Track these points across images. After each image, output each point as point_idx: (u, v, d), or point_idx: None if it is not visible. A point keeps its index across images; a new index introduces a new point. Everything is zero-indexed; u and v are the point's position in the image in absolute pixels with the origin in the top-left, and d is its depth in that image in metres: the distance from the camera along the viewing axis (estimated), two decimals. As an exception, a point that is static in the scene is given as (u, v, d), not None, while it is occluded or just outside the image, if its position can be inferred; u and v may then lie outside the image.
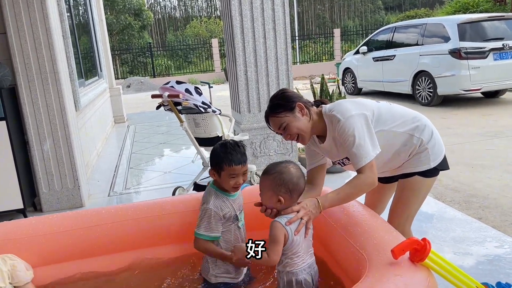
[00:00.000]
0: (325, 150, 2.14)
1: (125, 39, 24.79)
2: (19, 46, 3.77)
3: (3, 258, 2.14)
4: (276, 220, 1.85)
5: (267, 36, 4.30)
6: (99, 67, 8.39)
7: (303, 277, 1.85)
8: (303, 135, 2.04)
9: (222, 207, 2.09)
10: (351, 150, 1.93)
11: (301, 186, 1.89)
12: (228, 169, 2.01)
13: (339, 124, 1.95)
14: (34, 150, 3.96)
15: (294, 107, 2.00)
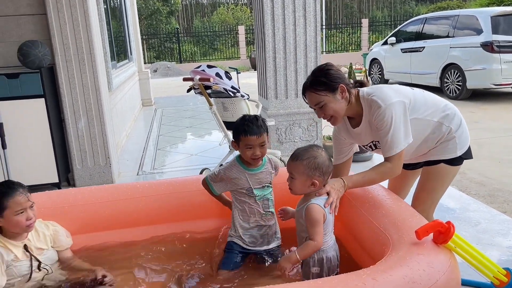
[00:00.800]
0: (356, 134, 2.16)
1: (153, 24, 25.02)
2: (58, 27, 3.92)
3: (46, 224, 2.29)
4: (313, 202, 1.91)
5: (297, 23, 4.34)
6: (129, 50, 8.57)
7: (331, 254, 1.94)
8: (337, 117, 2.05)
9: (236, 177, 2.22)
10: (385, 138, 1.97)
11: (331, 168, 1.97)
12: (244, 139, 2.13)
13: (379, 110, 1.95)
14: (70, 128, 4.14)
15: (337, 88, 1.97)
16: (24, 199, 2.07)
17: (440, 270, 1.51)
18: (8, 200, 2.02)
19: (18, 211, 2.03)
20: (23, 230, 2.10)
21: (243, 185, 2.23)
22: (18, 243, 2.12)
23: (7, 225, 2.06)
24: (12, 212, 2.02)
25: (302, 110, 4.52)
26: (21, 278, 2.10)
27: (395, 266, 1.53)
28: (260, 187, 2.26)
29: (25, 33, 4.02)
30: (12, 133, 3.80)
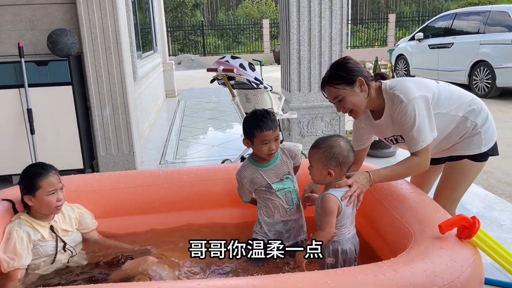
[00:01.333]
0: (378, 127, 2.13)
1: (178, 16, 25.20)
2: (86, 16, 3.99)
3: (72, 206, 2.35)
4: (329, 192, 1.90)
5: (323, 15, 4.29)
6: (154, 41, 8.65)
7: (348, 247, 1.92)
8: (357, 111, 2.03)
9: (252, 178, 2.19)
10: (410, 133, 1.93)
11: (350, 160, 1.93)
12: (260, 135, 2.08)
13: (402, 105, 1.92)
14: (95, 116, 4.22)
15: (355, 81, 1.95)
16: (56, 180, 2.14)
17: (463, 265, 1.48)
18: (42, 180, 2.09)
19: (50, 191, 2.10)
20: (52, 211, 2.16)
21: (261, 182, 2.20)
22: (45, 224, 2.18)
23: (38, 205, 2.12)
24: (44, 192, 2.09)
25: (325, 104, 4.48)
26: (47, 258, 2.16)
27: (416, 259, 1.51)
28: (279, 181, 2.22)
29: (54, 21, 4.10)
30: (40, 119, 3.89)
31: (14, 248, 2.04)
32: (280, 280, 1.45)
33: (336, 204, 1.87)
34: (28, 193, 2.11)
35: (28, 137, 3.90)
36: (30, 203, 2.13)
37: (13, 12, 4.05)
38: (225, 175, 2.56)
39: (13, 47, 4.03)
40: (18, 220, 2.15)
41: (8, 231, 2.09)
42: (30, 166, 2.20)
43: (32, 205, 2.13)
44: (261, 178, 2.20)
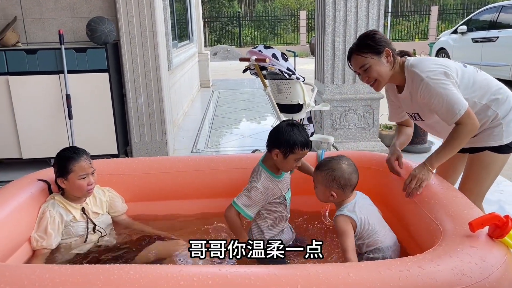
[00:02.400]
0: (401, 100, 2.17)
1: (216, 7, 25.30)
2: (124, 5, 4.07)
3: (103, 190, 2.42)
4: (338, 214, 1.93)
5: (360, 5, 4.19)
6: (190, 31, 8.74)
7: (388, 254, 1.90)
8: (380, 81, 2.05)
9: (270, 188, 2.11)
10: (441, 108, 1.91)
11: (353, 181, 1.96)
12: (299, 153, 2.01)
13: (422, 83, 1.93)
14: (130, 103, 4.32)
15: (382, 51, 2.00)
16: (87, 165, 2.21)
17: (493, 265, 1.42)
18: (74, 165, 2.16)
19: (81, 175, 2.17)
20: (83, 194, 2.24)
21: (277, 193, 2.15)
22: (77, 206, 2.26)
23: (70, 188, 2.21)
24: (76, 176, 2.17)
25: (359, 96, 4.39)
26: (78, 238, 2.24)
27: (443, 257, 1.46)
28: (286, 191, 2.23)
29: (93, 9, 4.21)
30: (78, 105, 4.02)
31: (45, 228, 2.13)
32: (302, 270, 1.44)
33: (348, 223, 1.89)
34: (61, 176, 2.19)
35: (66, 122, 4.04)
36: (63, 185, 2.21)
37: (54, 0, 4.19)
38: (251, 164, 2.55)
39: (54, 35, 4.17)
40: (52, 200, 2.23)
41: (42, 211, 2.17)
42: (63, 150, 2.26)
43: (64, 187, 2.21)
44: (277, 189, 2.16)
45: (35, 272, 1.43)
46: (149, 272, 1.42)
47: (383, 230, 1.94)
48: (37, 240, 2.11)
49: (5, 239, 1.90)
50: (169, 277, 1.40)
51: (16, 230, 2.01)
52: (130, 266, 1.46)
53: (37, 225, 2.14)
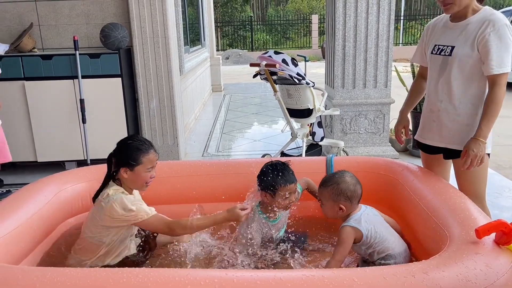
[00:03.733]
0: (444, 30, 2.18)
1: (228, 12, 25.46)
2: (137, 11, 4.15)
3: None
4: (345, 225, 1.95)
5: (370, 11, 4.20)
6: (202, 36, 8.82)
7: (399, 261, 1.91)
8: (456, 5, 2.03)
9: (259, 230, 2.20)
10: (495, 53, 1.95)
11: (358, 193, 1.98)
12: (283, 189, 2.11)
13: (502, 26, 1.95)
14: (142, 107, 4.38)
15: None
16: (155, 158, 2.13)
17: (498, 272, 1.43)
18: (144, 156, 2.07)
19: (148, 168, 2.09)
20: (141, 187, 2.15)
21: (266, 234, 2.24)
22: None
23: (132, 179, 2.09)
24: (144, 168, 2.07)
25: (370, 101, 4.39)
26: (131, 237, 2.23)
27: (449, 263, 1.46)
28: (278, 233, 2.29)
29: (107, 16, 4.30)
30: (91, 109, 4.10)
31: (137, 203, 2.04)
32: (307, 275, 1.46)
33: (351, 235, 1.91)
34: (126, 166, 2.06)
35: (80, 126, 4.12)
36: (125, 175, 2.08)
37: (69, 7, 4.28)
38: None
39: (69, 41, 4.27)
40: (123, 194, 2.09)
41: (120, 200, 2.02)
42: (130, 138, 2.16)
43: (126, 177, 2.09)
44: (268, 230, 2.24)
45: (46, 275, 1.47)
46: (157, 275, 1.46)
47: (392, 237, 1.95)
48: (147, 209, 2.03)
49: (19, 242, 1.95)
50: (177, 281, 1.43)
51: (30, 233, 2.05)
52: (139, 270, 1.50)
53: (125, 208, 2.00)
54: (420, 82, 2.42)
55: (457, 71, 2.08)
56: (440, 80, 2.16)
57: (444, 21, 2.21)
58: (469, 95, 2.10)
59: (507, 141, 5.34)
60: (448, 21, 2.17)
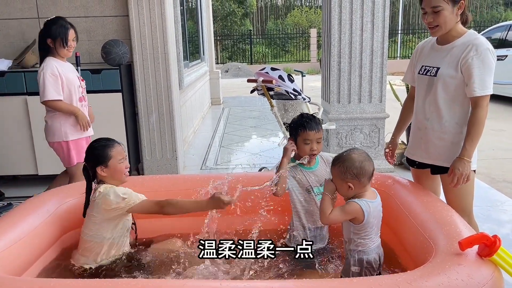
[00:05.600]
0: (432, 53, 2.25)
1: (228, 25, 25.75)
2: (138, 28, 4.26)
3: None
4: (355, 201, 1.94)
5: (365, 28, 4.32)
6: (202, 51, 8.96)
7: (372, 257, 1.97)
8: (442, 28, 2.12)
9: (294, 175, 2.35)
10: (480, 74, 2.04)
11: (366, 169, 1.94)
12: (303, 134, 2.27)
13: (485, 51, 2.04)
14: (142, 121, 4.47)
15: (458, 1, 2.08)
16: (122, 149, 2.34)
17: (480, 282, 1.50)
18: (112, 151, 2.27)
19: (120, 159, 2.28)
20: (122, 179, 2.33)
21: (303, 184, 2.34)
22: None
23: (111, 174, 2.28)
24: (116, 160, 2.27)
25: (365, 116, 4.49)
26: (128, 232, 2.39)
27: (432, 274, 1.54)
28: (319, 186, 2.35)
29: (109, 32, 4.41)
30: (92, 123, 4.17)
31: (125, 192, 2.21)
32: (298, 285, 1.53)
33: (355, 213, 1.92)
34: (100, 164, 2.25)
35: (81, 140, 4.20)
36: (102, 173, 2.26)
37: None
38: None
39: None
40: (111, 186, 2.26)
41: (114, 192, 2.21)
42: (96, 141, 2.35)
43: (104, 175, 2.27)
44: (304, 178, 2.34)
45: (49, 286, 1.54)
46: (154, 286, 1.53)
47: (375, 237, 2.00)
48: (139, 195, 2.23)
49: (21, 255, 2.01)
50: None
51: (32, 246, 2.12)
52: (137, 281, 1.57)
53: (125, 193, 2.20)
54: (411, 103, 2.48)
55: (442, 91, 2.17)
56: (426, 99, 2.25)
57: (432, 43, 2.30)
58: (454, 114, 2.18)
59: (501, 155, 5.43)
60: (435, 43, 2.26)
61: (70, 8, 4.37)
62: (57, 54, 3.16)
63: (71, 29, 3.17)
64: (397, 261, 2.15)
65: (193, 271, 2.13)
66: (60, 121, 3.18)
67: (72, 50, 3.22)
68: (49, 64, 3.11)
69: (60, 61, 3.19)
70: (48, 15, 4.38)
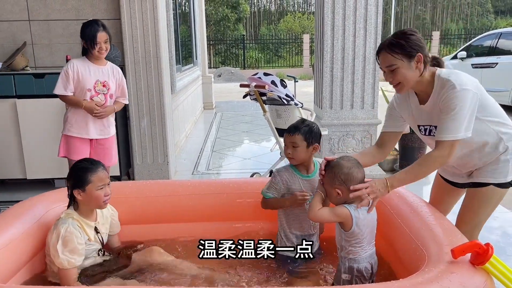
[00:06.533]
0: (419, 112, 2.09)
1: (221, 30, 25.79)
2: (130, 32, 4.23)
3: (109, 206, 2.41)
4: (345, 205, 1.93)
5: (357, 34, 4.33)
6: (195, 55, 8.94)
7: (363, 266, 1.95)
8: (404, 85, 1.98)
9: (288, 181, 2.29)
10: (445, 119, 1.88)
11: (354, 176, 1.91)
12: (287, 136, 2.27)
13: (453, 90, 1.87)
14: (133, 126, 4.43)
15: (414, 56, 1.91)
16: (105, 175, 2.21)
17: (472, 291, 1.49)
18: (92, 175, 2.14)
19: (99, 186, 2.15)
20: (99, 206, 2.22)
21: (296, 190, 2.27)
22: (92, 224, 2.26)
23: (87, 199, 2.17)
24: (94, 186, 2.14)
25: (357, 122, 4.49)
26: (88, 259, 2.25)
27: (424, 282, 1.52)
28: (313, 194, 2.28)
29: (100, 36, 4.37)
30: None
31: (74, 246, 2.09)
32: (289, 294, 1.51)
33: (343, 215, 1.90)
34: (78, 187, 2.15)
35: (71, 144, 4.14)
36: (79, 197, 2.17)
37: (63, 26, 4.36)
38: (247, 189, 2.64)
39: (62, 59, 4.32)
40: (71, 219, 2.17)
41: (65, 230, 2.10)
42: (79, 161, 2.27)
43: (81, 199, 2.17)
44: (298, 185, 2.28)
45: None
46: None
47: (367, 246, 1.97)
48: (68, 260, 2.06)
49: (7, 261, 1.97)
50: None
51: (19, 252, 2.07)
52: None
53: (61, 245, 2.07)
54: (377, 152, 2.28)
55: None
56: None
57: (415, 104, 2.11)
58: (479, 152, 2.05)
59: None
60: (418, 104, 2.09)
61: (61, 11, 4.33)
62: (90, 55, 3.21)
63: (103, 31, 3.15)
64: (390, 269, 2.13)
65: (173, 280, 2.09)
66: (67, 115, 3.28)
67: (104, 52, 3.20)
68: (70, 62, 3.22)
69: (87, 62, 3.23)
70: (39, 17, 4.35)
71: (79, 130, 3.24)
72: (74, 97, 3.21)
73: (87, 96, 3.20)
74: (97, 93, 3.24)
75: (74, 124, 3.23)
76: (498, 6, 36.12)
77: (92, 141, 3.32)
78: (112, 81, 3.31)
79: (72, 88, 3.19)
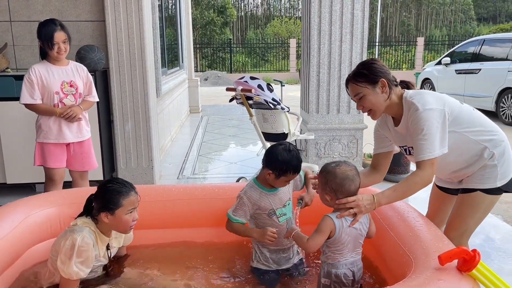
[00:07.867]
0: (396, 134, 2.15)
1: (207, 34, 25.78)
2: (114, 34, 4.17)
3: None
4: (328, 214, 1.94)
5: (344, 39, 4.34)
6: (181, 58, 8.88)
7: (342, 272, 1.93)
8: (375, 110, 2.04)
9: (256, 200, 2.22)
10: (418, 142, 1.92)
11: (345, 188, 1.91)
12: (291, 176, 2.15)
13: (416, 113, 1.92)
14: (117, 129, 4.36)
15: (377, 81, 1.99)
16: (136, 199, 2.07)
17: (459, 298, 1.47)
18: (124, 199, 2.01)
19: (129, 210, 2.03)
20: (125, 231, 2.10)
21: (265, 207, 2.22)
22: (105, 240, 2.14)
23: (114, 223, 2.04)
24: (124, 211, 2.02)
25: (343, 126, 4.49)
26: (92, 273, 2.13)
27: (412, 289, 1.51)
28: (282, 207, 2.26)
29: (84, 38, 4.30)
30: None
31: (89, 260, 1.98)
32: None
33: (329, 225, 1.89)
34: (106, 210, 2.02)
35: (53, 147, 4.05)
36: (106, 220, 2.03)
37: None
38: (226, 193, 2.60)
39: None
40: (88, 229, 2.05)
41: (82, 239, 1.97)
42: (110, 181, 2.11)
43: (107, 222, 2.04)
44: (267, 202, 2.23)
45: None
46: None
47: (348, 254, 1.95)
48: (77, 272, 1.94)
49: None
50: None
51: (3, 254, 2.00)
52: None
53: (75, 254, 1.94)
54: (372, 173, 2.29)
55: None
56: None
57: (390, 124, 2.18)
58: (464, 160, 2.07)
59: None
60: (393, 125, 2.15)
61: (44, 12, 4.24)
62: (49, 57, 3.05)
63: (61, 31, 3.00)
64: (377, 275, 2.12)
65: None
66: (40, 122, 3.14)
67: (63, 53, 3.04)
68: (31, 68, 3.03)
69: (48, 64, 3.07)
70: (21, 18, 4.26)
71: (54, 136, 3.12)
72: (45, 105, 3.05)
73: (56, 99, 3.06)
74: (65, 94, 3.09)
75: (48, 130, 3.10)
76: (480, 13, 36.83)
77: (68, 146, 3.20)
78: (78, 80, 3.17)
79: (39, 95, 3.02)
